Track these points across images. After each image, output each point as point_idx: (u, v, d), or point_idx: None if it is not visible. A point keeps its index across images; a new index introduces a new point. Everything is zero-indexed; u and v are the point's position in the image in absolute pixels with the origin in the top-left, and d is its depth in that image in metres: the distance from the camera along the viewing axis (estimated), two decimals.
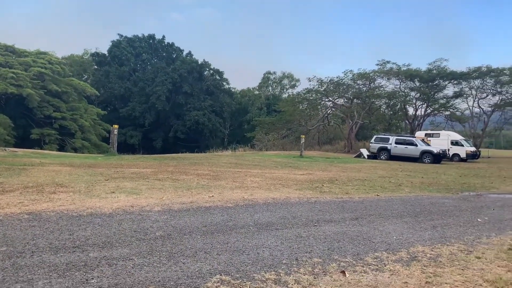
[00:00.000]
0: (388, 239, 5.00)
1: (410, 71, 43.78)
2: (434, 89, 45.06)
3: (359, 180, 12.28)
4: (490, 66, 43.49)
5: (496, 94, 46.60)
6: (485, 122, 48.58)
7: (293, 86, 72.60)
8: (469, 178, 14.80)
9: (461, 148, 30.68)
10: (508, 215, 7.07)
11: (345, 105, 45.11)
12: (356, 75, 43.50)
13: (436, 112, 47.29)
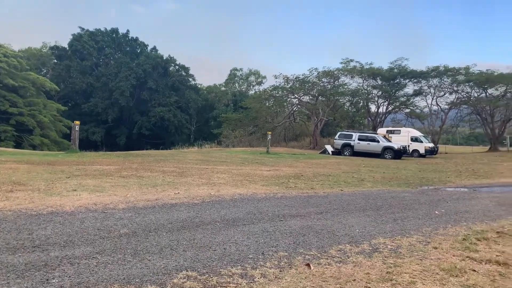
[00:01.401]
0: (351, 232, 5.15)
1: (372, 69, 45.00)
2: (395, 87, 46.57)
3: (324, 176, 12.52)
4: (447, 66, 45.45)
5: (453, 92, 48.80)
6: (442, 120, 50.75)
7: (259, 83, 72.80)
8: (428, 173, 15.43)
9: (420, 144, 31.90)
10: (463, 207, 7.44)
11: (311, 102, 45.77)
12: (321, 73, 44.22)
13: (397, 110, 48.96)
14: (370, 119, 49.20)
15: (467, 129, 70.21)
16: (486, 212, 6.96)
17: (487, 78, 44.56)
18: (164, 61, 62.24)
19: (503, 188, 11.05)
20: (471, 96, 48.41)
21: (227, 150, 30.56)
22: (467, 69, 45.19)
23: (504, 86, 46.31)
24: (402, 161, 23.80)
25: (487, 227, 5.62)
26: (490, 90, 47.44)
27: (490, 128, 48.97)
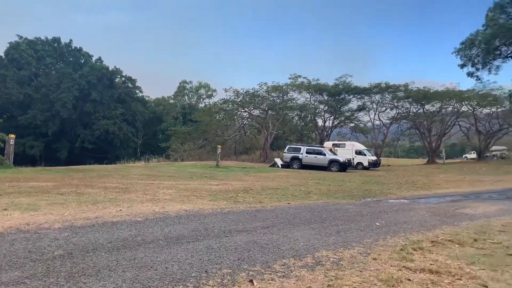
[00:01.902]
0: (296, 245, 5.19)
1: (319, 85, 46.54)
2: (340, 102, 48.43)
3: (272, 189, 12.63)
4: (388, 83, 48.11)
5: (394, 108, 51.64)
6: (384, 134, 53.41)
7: (209, 96, 72.63)
8: (371, 185, 16.07)
9: (364, 157, 33.27)
10: (402, 218, 7.80)
11: (261, 116, 46.32)
12: (270, 88, 45.01)
13: (342, 124, 50.89)
14: (318, 133, 50.66)
15: (407, 142, 74.48)
16: (422, 222, 7.33)
17: (424, 95, 47.65)
18: (109, 72, 60.31)
19: (438, 198, 11.74)
20: (410, 111, 51.47)
21: (175, 164, 29.98)
22: (406, 86, 48.05)
23: (439, 102, 49.79)
24: (347, 174, 24.63)
25: (423, 237, 5.91)
26: (427, 106, 50.77)
27: (428, 141, 52.24)
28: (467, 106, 49.45)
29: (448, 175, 23.03)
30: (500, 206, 9.82)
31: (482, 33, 30.75)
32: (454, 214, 8.42)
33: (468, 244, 5.41)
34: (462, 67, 32.55)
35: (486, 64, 32.19)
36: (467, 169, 29.43)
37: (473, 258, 4.64)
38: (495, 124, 51.11)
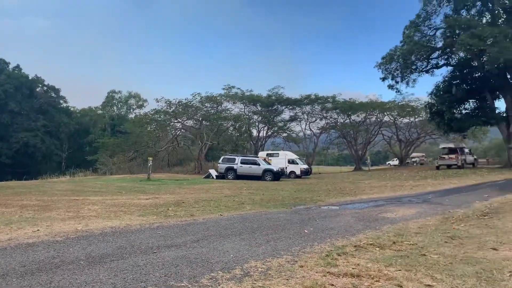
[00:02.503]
0: (225, 258, 5.16)
1: (252, 96, 47.34)
2: (273, 113, 49.64)
3: (205, 201, 12.50)
4: (318, 95, 50.31)
5: (323, 118, 54.07)
6: (315, 143, 55.58)
7: (140, 107, 70.42)
8: (302, 193, 16.54)
9: (296, 166, 34.26)
10: (329, 224, 8.10)
11: (194, 126, 45.87)
12: (204, 98, 44.82)
13: (276, 134, 52.12)
14: (252, 143, 51.31)
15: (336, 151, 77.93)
16: (348, 228, 7.67)
17: (350, 106, 50.44)
18: (29, 81, 56.25)
19: (363, 204, 12.39)
20: (338, 121, 54.18)
21: (103, 178, 28.54)
22: (334, 98, 50.57)
23: (364, 113, 52.97)
24: (280, 183, 25.15)
25: (347, 242, 6.18)
26: (353, 117, 53.80)
27: (354, 150, 55.20)
28: (389, 116, 53.21)
29: (373, 181, 24.45)
30: (418, 209, 10.59)
31: (400, 49, 33.25)
32: (377, 219, 8.92)
33: (388, 247, 5.75)
34: (384, 80, 34.86)
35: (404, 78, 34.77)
36: (390, 175, 31.50)
37: (391, 260, 4.94)
38: (414, 133, 55.56)
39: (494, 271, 4.30)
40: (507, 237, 6.21)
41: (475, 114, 34.08)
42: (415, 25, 33.43)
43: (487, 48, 26.42)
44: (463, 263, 4.71)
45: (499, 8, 30.63)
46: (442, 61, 34.98)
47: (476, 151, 55.57)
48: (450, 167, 33.64)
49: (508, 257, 4.95)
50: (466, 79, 34.52)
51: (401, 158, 55.65)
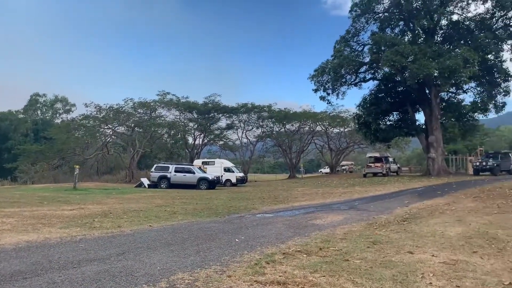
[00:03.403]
0: (151, 270, 4.97)
1: (188, 103, 46.76)
2: (210, 120, 49.40)
3: (135, 212, 12.02)
4: (254, 103, 51.01)
5: (259, 127, 54.87)
6: (251, 151, 56.19)
7: (67, 111, 66.28)
8: (236, 202, 16.56)
9: (232, 174, 34.29)
10: (261, 232, 8.17)
11: (126, 133, 44.17)
12: (137, 104, 43.40)
13: (212, 142, 51.89)
14: (188, 151, 50.58)
15: (272, 159, 79.38)
16: (278, 235, 7.79)
17: (285, 115, 51.76)
18: None
19: (295, 211, 12.69)
20: (274, 130, 55.30)
21: (23, 187, 26.37)
22: (270, 107, 51.60)
23: (298, 122, 54.62)
24: (215, 191, 25.00)
25: (276, 250, 6.26)
26: (288, 126, 55.25)
27: (289, 158, 56.61)
28: (321, 126, 55.38)
29: (305, 189, 25.19)
30: (345, 216, 11.06)
31: (331, 62, 34.81)
32: (307, 225, 9.17)
33: (314, 253, 5.92)
34: (316, 91, 36.18)
35: (335, 90, 36.37)
36: (321, 182, 32.68)
37: (317, 266, 5.08)
38: (344, 142, 58.33)
39: (408, 274, 4.59)
40: (422, 241, 6.68)
41: (398, 125, 36.58)
42: (345, 40, 35.25)
43: (408, 65, 28.57)
44: (382, 267, 4.98)
45: (418, 28, 33.35)
46: (369, 75, 37.20)
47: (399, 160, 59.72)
48: (376, 175, 35.71)
49: (422, 259, 5.32)
50: (391, 93, 37.04)
51: (332, 166, 58.07)
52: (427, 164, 34.47)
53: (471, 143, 50.62)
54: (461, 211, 10.71)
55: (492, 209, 10.72)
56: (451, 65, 26.94)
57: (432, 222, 8.81)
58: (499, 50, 31.98)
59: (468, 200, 13.57)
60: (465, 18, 33.07)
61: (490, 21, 31.80)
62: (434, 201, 14.01)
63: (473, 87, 34.31)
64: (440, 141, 32.87)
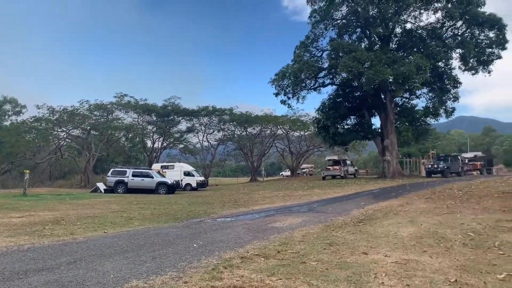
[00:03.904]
0: (104, 279, 4.79)
1: (147, 105, 45.76)
2: (169, 123, 48.59)
3: (89, 218, 11.58)
4: (215, 106, 50.75)
5: (220, 130, 54.63)
6: (212, 155, 55.79)
7: (17, 113, 62.75)
8: (196, 206, 16.36)
9: (192, 178, 33.87)
10: (219, 237, 8.10)
11: (82, 136, 42.55)
12: (93, 106, 41.92)
13: (172, 145, 51.04)
14: (146, 154, 49.48)
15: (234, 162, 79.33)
16: (237, 239, 7.76)
17: (246, 118, 51.88)
18: None
19: (255, 215, 12.71)
20: (235, 133, 55.27)
21: None
22: (231, 110, 51.55)
23: (260, 126, 54.93)
24: (175, 196, 24.58)
25: (235, 254, 6.22)
26: (250, 129, 55.42)
27: (251, 161, 56.75)
28: (282, 129, 56.00)
29: (266, 192, 25.34)
30: (304, 218, 11.21)
31: (291, 67, 35.32)
32: (266, 229, 9.20)
33: (272, 256, 5.94)
34: (277, 95, 36.55)
35: (295, 94, 36.91)
36: (282, 185, 33.00)
37: (274, 269, 5.10)
38: (304, 146, 59.30)
39: (362, 274, 4.71)
40: (376, 242, 6.89)
41: (355, 129, 37.68)
42: (304, 45, 35.90)
43: (365, 71, 29.56)
44: (337, 268, 5.07)
45: (374, 36, 34.59)
46: (328, 80, 38.08)
47: (357, 163, 61.54)
48: (334, 177, 36.56)
49: (375, 260, 5.48)
50: (348, 98, 38.13)
51: (293, 169, 58.85)
52: (382, 167, 35.71)
53: (423, 146, 53.12)
54: (413, 212, 11.16)
55: (442, 210, 11.25)
56: (405, 71, 28.14)
57: (386, 223, 9.11)
58: (449, 58, 33.78)
59: (420, 201, 14.16)
60: (417, 27, 34.69)
61: (441, 30, 33.54)
62: (389, 202, 14.52)
63: (425, 93, 36.02)
64: (394, 144, 34.18)
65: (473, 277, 4.51)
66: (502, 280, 4.37)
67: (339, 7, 34.70)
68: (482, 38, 32.40)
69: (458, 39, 33.02)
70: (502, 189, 14.94)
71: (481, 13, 30.76)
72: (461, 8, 30.47)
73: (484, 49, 32.40)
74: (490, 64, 32.69)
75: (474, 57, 32.38)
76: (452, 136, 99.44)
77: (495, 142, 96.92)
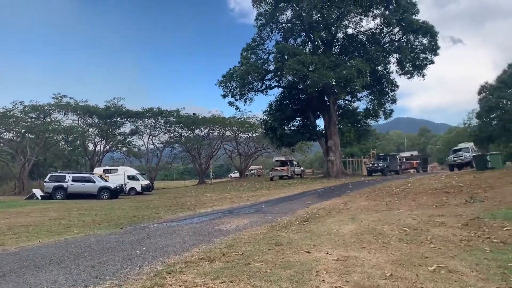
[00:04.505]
0: None
1: (88, 107, 43.77)
2: (112, 126, 46.79)
3: (23, 227, 10.85)
4: (161, 108, 49.67)
5: (167, 132, 53.54)
6: (158, 157, 54.50)
7: None
8: (141, 211, 15.89)
9: (137, 182, 32.84)
10: (164, 242, 7.90)
11: (15, 140, 39.74)
12: (28, 107, 39.33)
13: (115, 148, 49.18)
14: (88, 158, 47.29)
15: (181, 165, 77.99)
16: (182, 244, 7.61)
17: (193, 120, 51.30)
18: None
19: (201, 218, 12.57)
20: (182, 135, 54.42)
21: None
22: (178, 112, 50.71)
23: (207, 127, 54.54)
24: (118, 201, 23.73)
25: (179, 259, 6.10)
26: (197, 131, 54.84)
27: (198, 163, 56.17)
28: (230, 131, 56.03)
29: (214, 194, 25.18)
30: (250, 219, 11.26)
31: (238, 69, 35.43)
32: (212, 231, 9.13)
33: (217, 259, 5.90)
34: (224, 97, 36.48)
35: (243, 96, 37.06)
36: (230, 187, 32.99)
37: (218, 272, 5.06)
38: (252, 147, 59.74)
39: (304, 273, 4.81)
40: (319, 240, 7.08)
41: (301, 130, 38.59)
42: (251, 48, 36.20)
43: (309, 74, 30.36)
44: (281, 268, 5.14)
45: (318, 40, 35.67)
46: (275, 82, 38.69)
47: (303, 163, 63.02)
48: (282, 178, 37.17)
49: (317, 258, 5.62)
50: (294, 100, 38.98)
51: (241, 170, 59.05)
52: (327, 167, 36.88)
53: (365, 146, 55.57)
54: (355, 210, 11.62)
55: (381, 207, 11.81)
56: (347, 75, 29.29)
57: (329, 221, 9.40)
58: (387, 62, 35.68)
59: (361, 199, 14.78)
60: (358, 32, 36.32)
61: (379, 36, 35.34)
62: (332, 201, 15.00)
63: (366, 95, 37.76)
64: (338, 145, 35.44)
65: (407, 270, 4.76)
66: (432, 272, 4.66)
67: (284, 11, 35.42)
68: (417, 44, 34.59)
69: (395, 45, 34.97)
70: (435, 186, 16.00)
71: (415, 21, 32.80)
72: (398, 15, 32.28)
73: (419, 55, 34.61)
74: (424, 68, 35.00)
75: (409, 62, 34.47)
76: (391, 137, 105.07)
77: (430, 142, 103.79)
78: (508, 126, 46.98)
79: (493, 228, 7.01)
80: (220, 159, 76.52)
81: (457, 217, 8.40)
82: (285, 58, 32.93)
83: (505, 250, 5.60)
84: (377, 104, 36.87)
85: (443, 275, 4.51)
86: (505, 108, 48.05)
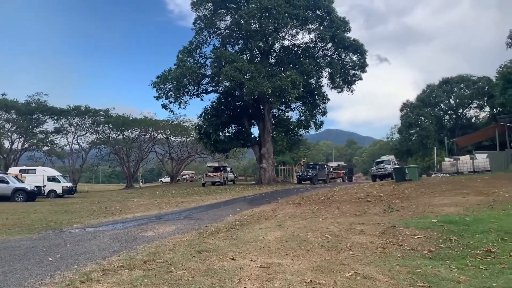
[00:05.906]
0: None
1: (5, 101, 40.19)
2: (33, 123, 43.40)
3: None
4: (88, 106, 47.07)
5: (94, 132, 50.80)
6: (83, 159, 51.47)
7: None
8: (59, 215, 14.82)
9: (58, 184, 30.64)
10: (81, 249, 7.41)
11: None
12: None
13: (35, 147, 45.65)
14: (3, 157, 43.28)
15: (108, 167, 74.41)
16: (101, 250, 7.19)
17: (123, 121, 49.27)
18: None
19: (125, 223, 12.01)
20: (110, 136, 51.97)
21: None
22: (107, 112, 48.41)
23: (138, 129, 52.67)
24: (35, 204, 21.97)
25: (96, 267, 5.74)
26: (127, 133, 52.71)
27: (127, 167, 53.95)
28: (163, 134, 54.64)
29: (142, 199, 24.29)
30: (178, 226, 10.99)
31: (173, 71, 34.71)
32: (136, 238, 8.75)
33: (138, 267, 5.63)
34: (158, 98, 35.47)
35: (177, 99, 36.31)
36: (160, 192, 32.07)
37: (138, 281, 4.83)
38: (185, 152, 58.73)
39: (227, 280, 4.76)
40: (245, 247, 7.08)
41: (236, 137, 38.71)
42: (188, 51, 35.74)
43: (245, 81, 30.64)
44: (203, 275, 5.04)
45: (255, 49, 36.19)
46: (211, 87, 38.51)
47: (236, 170, 63.23)
48: (214, 183, 36.92)
49: (241, 265, 5.60)
50: (230, 106, 39.08)
51: (173, 175, 57.74)
52: (259, 174, 37.36)
53: (296, 155, 57.28)
54: (282, 217, 11.85)
55: (307, 214, 12.18)
56: (282, 85, 30.01)
57: (256, 228, 9.46)
58: (320, 76, 37.19)
59: (290, 206, 15.14)
60: (294, 45, 37.45)
61: (314, 50, 36.77)
62: (262, 208, 15.19)
63: (299, 106, 38.94)
64: (271, 152, 36.10)
65: (326, 277, 4.92)
66: (349, 278, 4.86)
67: (223, 17, 35.53)
68: (347, 61, 36.52)
69: (328, 60, 36.61)
70: (358, 195, 16.89)
71: (347, 38, 34.63)
72: (331, 31, 33.85)
73: (349, 70, 36.56)
74: (353, 84, 37.02)
75: (340, 77, 36.25)
76: (321, 147, 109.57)
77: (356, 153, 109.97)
78: (425, 142, 51.38)
79: (406, 236, 7.52)
80: (151, 163, 74.13)
81: (375, 225, 8.89)
82: (222, 64, 32.91)
83: (414, 257, 6.03)
84: (309, 115, 38.18)
85: (358, 281, 4.72)
86: (423, 125, 52.53)
